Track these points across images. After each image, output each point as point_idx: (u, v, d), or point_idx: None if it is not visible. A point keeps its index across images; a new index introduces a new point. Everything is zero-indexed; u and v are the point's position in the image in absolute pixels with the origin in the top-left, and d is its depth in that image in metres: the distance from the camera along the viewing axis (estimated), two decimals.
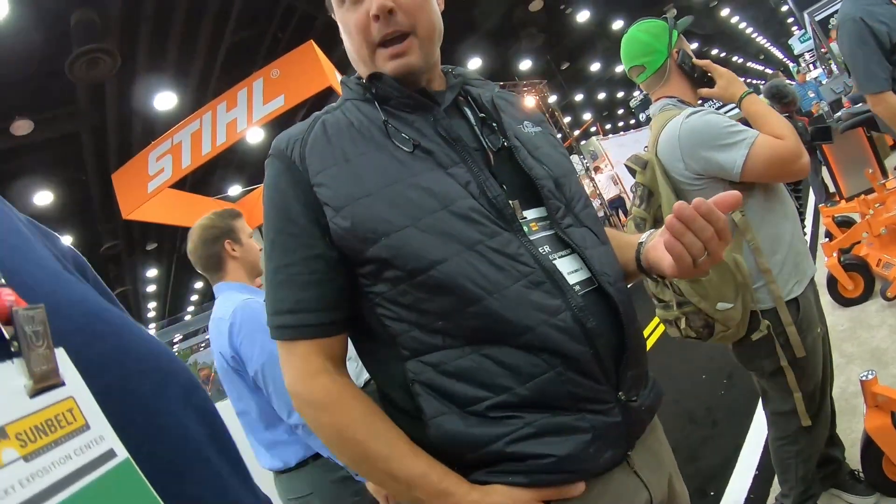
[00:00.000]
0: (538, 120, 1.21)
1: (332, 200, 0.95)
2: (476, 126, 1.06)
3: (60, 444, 0.38)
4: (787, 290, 1.85)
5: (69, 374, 0.41)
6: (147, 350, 0.51)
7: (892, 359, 3.19)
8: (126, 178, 7.99)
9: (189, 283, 22.71)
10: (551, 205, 1.02)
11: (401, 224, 0.92)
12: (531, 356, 0.91)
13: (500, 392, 0.91)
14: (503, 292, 0.91)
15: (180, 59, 9.43)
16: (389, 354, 0.97)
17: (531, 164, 1.05)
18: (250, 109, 6.92)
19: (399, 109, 1.03)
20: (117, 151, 10.52)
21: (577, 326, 0.92)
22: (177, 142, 7.56)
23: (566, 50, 20.00)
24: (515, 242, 0.95)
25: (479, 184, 0.97)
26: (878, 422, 2.05)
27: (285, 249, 0.98)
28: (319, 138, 1.00)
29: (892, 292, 3.73)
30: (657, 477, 1.04)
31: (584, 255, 1.00)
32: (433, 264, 0.90)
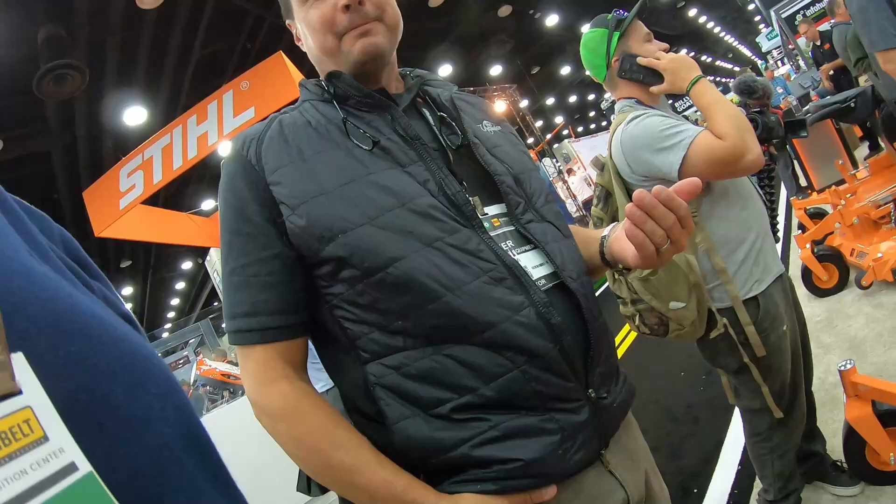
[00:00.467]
0: (497, 119, 1.21)
1: (288, 199, 0.93)
2: (435, 125, 1.06)
3: (15, 458, 0.35)
4: (745, 289, 1.85)
5: (27, 382, 0.38)
6: (122, 351, 0.47)
7: (870, 348, 3.20)
8: (97, 195, 7.88)
9: (165, 300, 22.46)
10: (511, 200, 1.02)
11: (358, 222, 0.90)
12: (495, 355, 0.89)
13: (464, 393, 0.89)
14: (464, 289, 0.89)
15: (149, 74, 9.32)
16: (349, 358, 0.95)
17: (490, 160, 1.05)
18: (221, 122, 6.86)
19: (358, 109, 1.02)
20: (88, 168, 10.38)
21: (542, 323, 0.91)
22: (147, 157, 7.47)
23: (536, 54, 20.13)
24: (476, 239, 0.93)
25: (437, 181, 0.96)
26: (858, 411, 2.05)
27: (242, 250, 0.95)
28: (276, 137, 0.99)
29: (866, 281, 3.76)
30: (633, 475, 1.02)
31: (546, 249, 0.99)
32: (391, 261, 0.88)
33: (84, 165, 10.44)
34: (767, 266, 1.87)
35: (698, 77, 1.76)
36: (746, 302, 1.84)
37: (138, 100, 9.24)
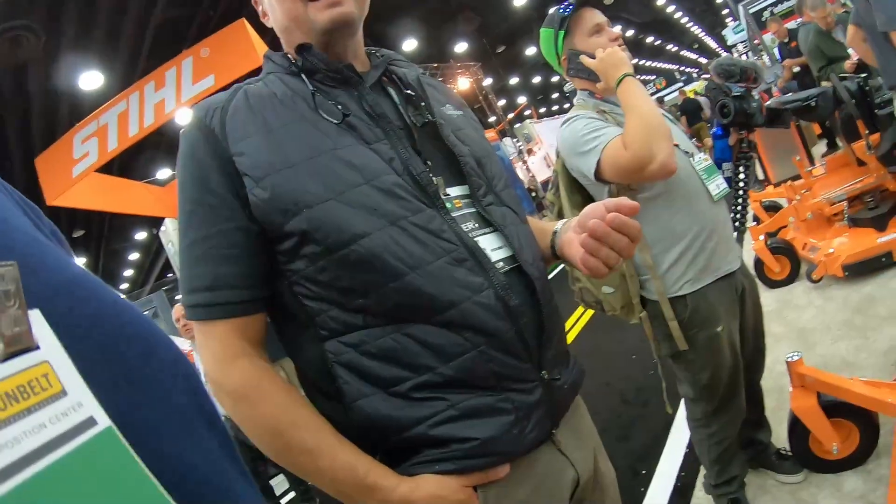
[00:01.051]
0: (459, 104, 1.20)
1: (251, 171, 0.90)
2: (400, 104, 1.05)
3: (34, 412, 0.35)
4: (675, 287, 1.87)
5: (44, 337, 0.38)
6: (131, 317, 0.49)
7: (818, 339, 3.29)
8: (50, 162, 7.64)
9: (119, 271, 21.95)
10: (473, 182, 1.02)
11: (323, 196, 0.89)
12: (454, 335, 0.90)
13: (423, 372, 0.90)
14: (426, 268, 0.89)
15: (107, 38, 8.97)
16: (307, 335, 0.94)
17: (454, 141, 1.05)
18: (179, 89, 6.68)
19: (324, 83, 1.00)
20: (42, 135, 9.98)
21: (500, 304, 0.92)
22: (102, 123, 7.25)
23: (502, 33, 20.05)
24: (438, 219, 0.93)
25: (402, 160, 0.95)
26: (803, 402, 2.10)
27: (203, 221, 0.92)
28: (241, 107, 0.96)
29: (817, 274, 3.85)
30: (582, 454, 1.05)
31: (504, 232, 1.00)
32: (355, 238, 0.88)
33: (37, 132, 10.04)
34: (709, 266, 1.86)
35: (623, 76, 1.71)
36: (675, 299, 1.87)
37: (95, 64, 8.90)
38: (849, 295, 3.63)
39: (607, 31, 1.90)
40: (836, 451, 2.12)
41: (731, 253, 1.93)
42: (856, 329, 3.21)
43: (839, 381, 2.05)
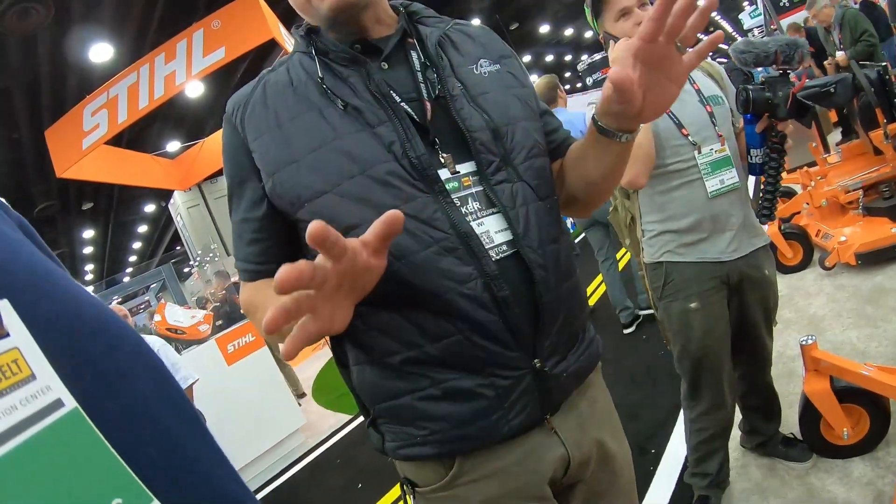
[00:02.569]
0: (497, 56, 1.11)
1: (263, 167, 0.99)
2: (419, 72, 1.02)
3: (5, 395, 0.38)
4: (656, 254, 1.99)
5: (13, 325, 0.41)
6: (95, 312, 0.51)
7: (828, 325, 3.27)
8: (60, 134, 7.64)
9: (127, 244, 22.03)
10: (482, 159, 0.98)
11: (321, 189, 0.94)
12: (441, 320, 0.92)
13: (411, 348, 0.94)
14: (411, 258, 0.91)
15: (117, 9, 8.87)
16: None
17: (467, 113, 0.99)
18: (189, 62, 6.64)
19: (337, 63, 1.01)
20: (51, 107, 9.90)
21: (487, 295, 0.92)
22: (112, 95, 7.23)
23: (515, 10, 19.79)
24: (433, 206, 0.93)
25: (402, 143, 0.94)
26: (816, 386, 2.10)
27: (238, 206, 1.05)
28: (258, 103, 1.01)
29: (830, 262, 3.83)
30: (580, 437, 1.05)
31: (509, 214, 0.96)
32: (347, 230, 0.91)
33: (46, 104, 9.98)
34: (695, 247, 1.93)
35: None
36: (654, 264, 2.00)
37: (104, 36, 8.80)
38: (861, 283, 3.60)
39: (635, 13, 1.85)
40: (847, 436, 2.12)
41: (727, 243, 1.93)
42: (867, 318, 3.19)
43: (853, 366, 2.04)
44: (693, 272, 1.94)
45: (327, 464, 4.64)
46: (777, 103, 1.69)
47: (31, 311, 0.43)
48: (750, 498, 2.25)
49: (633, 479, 1.18)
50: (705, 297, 1.95)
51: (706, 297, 1.95)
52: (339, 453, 4.72)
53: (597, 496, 1.10)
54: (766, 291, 2.04)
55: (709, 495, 2.23)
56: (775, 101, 1.68)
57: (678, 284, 1.97)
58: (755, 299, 2.02)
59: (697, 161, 1.88)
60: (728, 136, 1.93)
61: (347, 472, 4.21)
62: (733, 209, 1.92)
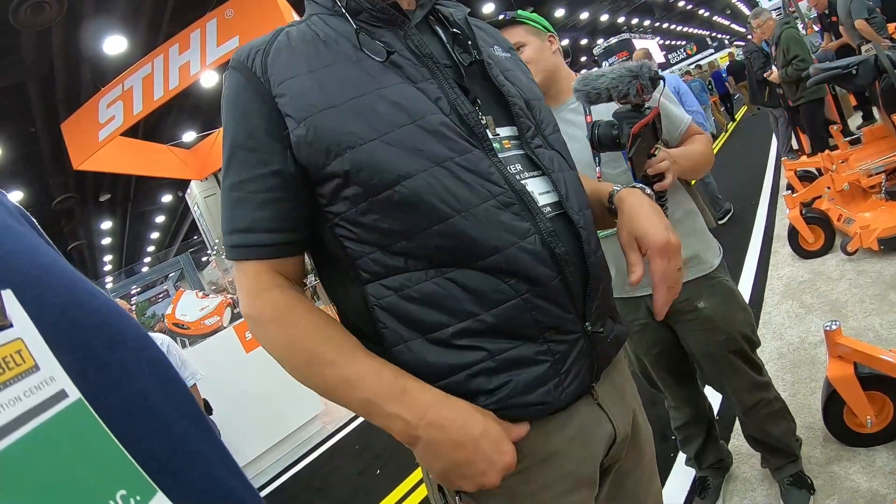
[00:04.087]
0: (507, 47, 1.17)
1: (294, 112, 0.89)
2: (448, 43, 1.02)
3: (9, 386, 0.38)
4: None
5: (17, 316, 0.41)
6: (98, 305, 0.50)
7: (850, 311, 3.22)
8: (76, 127, 7.71)
9: (145, 234, 22.24)
10: (522, 123, 0.99)
11: (367, 137, 0.87)
12: (497, 281, 0.88)
13: (464, 318, 0.88)
14: (472, 211, 0.87)
15: (129, 0, 8.91)
16: (349, 278, 0.93)
17: (503, 81, 1.02)
18: (204, 51, 6.66)
19: (369, 23, 0.97)
20: (66, 100, 9.99)
21: (546, 251, 0.90)
22: (127, 87, 7.29)
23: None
24: (486, 161, 0.91)
25: (449, 100, 0.93)
26: (840, 372, 2.06)
27: (243, 165, 0.93)
28: (283, 48, 0.95)
29: (852, 247, 3.77)
30: (621, 411, 1.04)
31: (552, 178, 0.97)
32: (399, 179, 0.86)
33: (61, 97, 10.05)
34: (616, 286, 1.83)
35: None
36: None
37: (118, 28, 8.83)
38: (883, 269, 3.54)
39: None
40: (870, 424, 2.08)
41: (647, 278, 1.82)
42: (889, 304, 3.14)
43: (877, 352, 2.00)
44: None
45: (345, 450, 4.67)
46: (623, 142, 1.44)
47: (35, 302, 0.43)
48: (766, 479, 2.23)
49: (654, 455, 1.18)
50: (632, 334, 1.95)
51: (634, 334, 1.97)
52: (357, 439, 4.74)
53: (624, 474, 1.08)
54: (707, 325, 1.87)
55: (707, 476, 2.27)
56: (621, 141, 1.44)
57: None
58: (694, 332, 1.91)
59: None
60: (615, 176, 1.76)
61: (365, 459, 4.23)
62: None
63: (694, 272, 1.86)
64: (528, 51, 1.81)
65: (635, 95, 1.41)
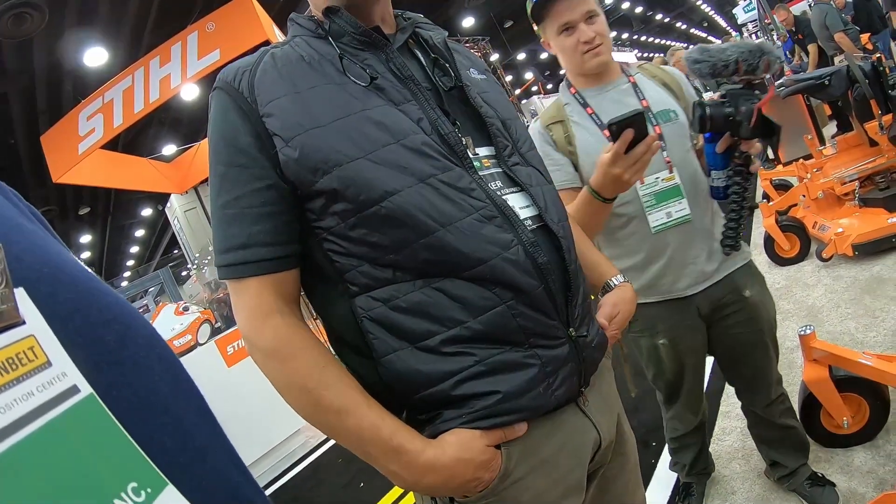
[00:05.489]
0: (482, 68, 1.22)
1: (281, 131, 0.92)
2: (428, 66, 1.07)
3: (22, 381, 0.39)
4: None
5: (29, 313, 0.41)
6: (109, 302, 0.51)
7: (826, 317, 3.28)
8: (56, 139, 7.64)
9: (125, 248, 22.00)
10: (500, 143, 1.04)
11: (353, 155, 0.90)
12: (483, 290, 0.91)
13: (452, 325, 0.91)
14: (456, 225, 0.91)
15: (111, 13, 8.88)
16: (337, 292, 0.96)
17: (480, 103, 1.06)
18: (185, 64, 6.65)
19: (352, 46, 1.01)
20: (47, 112, 9.93)
21: (529, 261, 0.94)
22: (108, 100, 7.23)
23: (510, 9, 19.83)
24: (467, 178, 0.95)
25: (430, 120, 0.97)
26: (815, 375, 2.10)
27: (236, 182, 0.93)
28: (269, 69, 0.97)
29: (827, 253, 3.84)
30: (606, 418, 1.08)
31: (531, 192, 1.02)
32: (386, 195, 0.89)
33: (42, 109, 9.99)
34: (652, 287, 1.80)
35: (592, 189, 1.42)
36: None
37: (99, 40, 8.82)
38: (858, 274, 3.62)
39: (580, 29, 1.67)
40: (847, 425, 2.13)
41: (692, 278, 1.78)
42: (865, 308, 3.20)
43: (851, 355, 2.05)
44: (658, 313, 1.83)
45: (329, 463, 4.64)
46: (739, 120, 1.41)
47: (47, 299, 0.44)
48: (746, 482, 2.27)
49: (638, 462, 1.22)
50: (674, 333, 1.85)
51: (675, 333, 1.86)
52: (341, 452, 4.71)
53: (610, 480, 1.12)
54: (752, 314, 1.85)
55: (691, 482, 2.28)
56: (737, 118, 1.41)
57: (643, 324, 1.87)
58: (738, 323, 1.85)
59: (639, 192, 1.71)
60: (681, 161, 1.72)
61: (349, 472, 4.21)
62: (691, 243, 1.76)
63: (739, 260, 1.83)
64: (600, 22, 1.69)
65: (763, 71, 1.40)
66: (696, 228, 1.74)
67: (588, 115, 1.76)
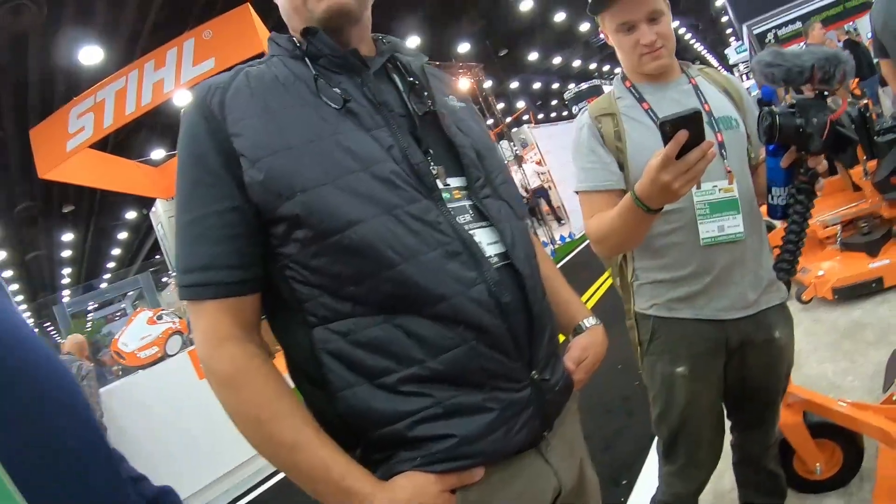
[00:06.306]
0: (462, 96, 1.21)
1: (248, 151, 0.90)
2: (404, 92, 1.05)
3: None
4: (644, 304, 1.71)
5: None
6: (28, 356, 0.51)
7: (805, 360, 3.29)
8: (45, 135, 7.53)
9: (106, 249, 21.78)
10: (472, 174, 1.02)
11: (319, 181, 0.88)
12: (444, 328, 0.89)
13: (411, 364, 0.88)
14: (419, 258, 0.89)
15: (110, 13, 8.88)
16: (296, 320, 0.93)
17: (455, 132, 1.05)
18: (179, 70, 6.60)
19: (328, 68, 1.00)
20: (39, 108, 9.90)
21: (493, 300, 0.91)
22: (100, 99, 7.15)
23: (505, 36, 20.08)
24: (435, 211, 0.93)
25: (401, 149, 0.95)
26: (790, 419, 2.09)
27: (201, 201, 0.91)
28: (242, 88, 0.96)
29: (807, 296, 3.87)
30: (568, 464, 1.05)
31: (499, 228, 1.00)
32: (349, 224, 0.87)
33: (34, 104, 9.95)
34: (689, 301, 1.63)
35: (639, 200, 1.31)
36: (642, 317, 1.72)
37: (95, 39, 8.81)
38: (837, 318, 3.64)
39: (641, 29, 1.56)
40: (820, 471, 2.12)
41: (730, 300, 1.61)
42: (843, 352, 3.22)
43: (826, 401, 2.05)
44: (684, 331, 1.65)
45: None
46: (810, 132, 1.30)
47: None
48: None
49: None
50: (695, 361, 1.66)
51: (696, 361, 1.66)
52: None
53: None
54: (775, 357, 1.70)
55: None
56: (808, 130, 1.30)
57: (666, 344, 1.68)
58: (759, 364, 1.70)
59: (694, 199, 1.57)
60: (740, 173, 1.58)
61: None
62: (739, 263, 1.60)
63: (774, 298, 1.67)
64: (665, 22, 1.58)
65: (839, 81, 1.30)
66: (746, 248, 1.60)
67: (644, 110, 1.63)
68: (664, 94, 1.65)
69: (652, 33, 1.56)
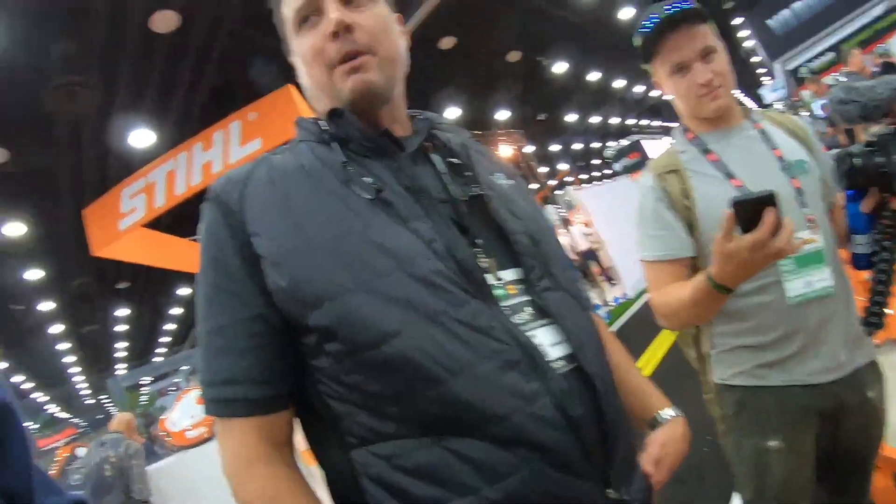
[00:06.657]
0: (511, 173, 1.10)
1: (269, 254, 0.82)
2: (445, 174, 0.94)
3: None
4: (726, 373, 1.57)
5: None
6: None
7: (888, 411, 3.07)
8: (98, 214, 7.84)
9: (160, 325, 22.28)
10: (528, 263, 0.91)
11: (348, 287, 0.79)
12: (503, 451, 0.76)
13: (465, 493, 0.76)
14: (470, 373, 0.77)
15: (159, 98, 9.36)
16: (334, 440, 0.84)
17: (506, 216, 0.94)
18: (227, 151, 6.83)
19: (358, 153, 0.91)
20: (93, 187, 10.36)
21: (560, 414, 0.79)
22: (151, 180, 7.43)
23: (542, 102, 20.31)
24: (487, 313, 0.81)
25: (445, 242, 0.84)
26: (880, 483, 1.94)
27: (223, 309, 0.85)
28: (262, 180, 0.89)
29: (879, 338, 3.65)
30: None
31: (563, 325, 0.87)
32: (385, 338, 0.77)
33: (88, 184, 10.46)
34: (779, 366, 1.49)
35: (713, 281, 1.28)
36: (724, 388, 1.58)
37: (146, 123, 9.25)
38: None
39: (695, 68, 1.49)
40: None
41: (822, 362, 1.46)
42: None
43: None
44: (775, 401, 1.49)
45: None
46: (892, 172, 1.20)
47: None
48: None
49: None
50: (790, 433, 1.49)
51: (791, 433, 1.49)
52: None
53: None
54: (870, 419, 1.55)
55: None
56: (890, 171, 1.19)
57: (755, 416, 1.52)
58: (858, 428, 1.54)
59: None
60: (821, 220, 1.47)
61: None
62: (830, 320, 1.46)
63: (865, 355, 1.52)
64: (720, 60, 1.50)
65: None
66: (837, 303, 1.46)
67: (709, 162, 1.52)
68: (728, 141, 1.55)
69: (707, 71, 1.48)
